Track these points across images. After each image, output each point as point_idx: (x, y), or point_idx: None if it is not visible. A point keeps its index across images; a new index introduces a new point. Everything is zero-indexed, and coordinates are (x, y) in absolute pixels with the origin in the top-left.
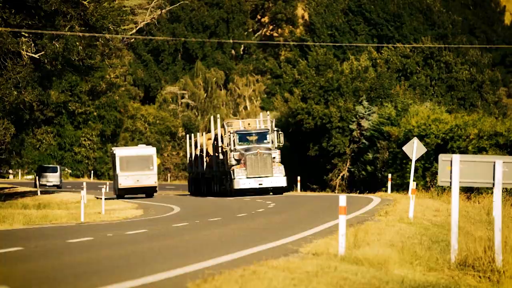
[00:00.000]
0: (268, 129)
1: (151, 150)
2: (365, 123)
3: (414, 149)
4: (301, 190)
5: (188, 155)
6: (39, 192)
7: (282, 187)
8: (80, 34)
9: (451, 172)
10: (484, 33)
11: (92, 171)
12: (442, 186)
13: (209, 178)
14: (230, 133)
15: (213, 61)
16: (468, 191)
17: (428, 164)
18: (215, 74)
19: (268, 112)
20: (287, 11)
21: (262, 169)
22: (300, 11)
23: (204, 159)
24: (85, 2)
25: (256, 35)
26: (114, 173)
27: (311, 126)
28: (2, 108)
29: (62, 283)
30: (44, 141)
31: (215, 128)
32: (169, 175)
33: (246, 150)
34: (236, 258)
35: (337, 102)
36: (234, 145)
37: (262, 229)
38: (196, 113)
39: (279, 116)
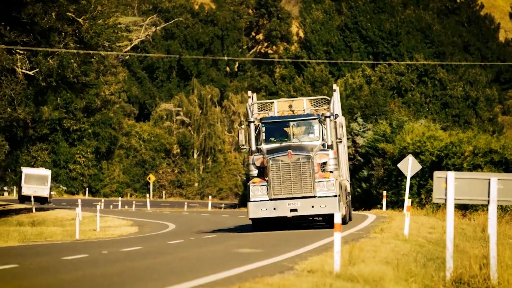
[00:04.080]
0: (317, 115)
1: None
2: (360, 140)
3: (409, 166)
4: None
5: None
6: (34, 210)
7: (333, 215)
8: (75, 51)
9: (446, 189)
10: (478, 50)
11: (87, 188)
12: (437, 203)
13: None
14: (250, 122)
15: (208, 78)
16: (463, 208)
17: (423, 181)
18: (210, 91)
19: (335, 86)
20: (281, 28)
21: (296, 184)
22: (294, 28)
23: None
24: (80, 20)
25: (250, 52)
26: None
27: None
28: None
29: None
30: (38, 158)
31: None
32: (164, 192)
33: (271, 151)
34: (231, 276)
35: None
36: (259, 143)
37: (256, 246)
38: (191, 130)
39: None
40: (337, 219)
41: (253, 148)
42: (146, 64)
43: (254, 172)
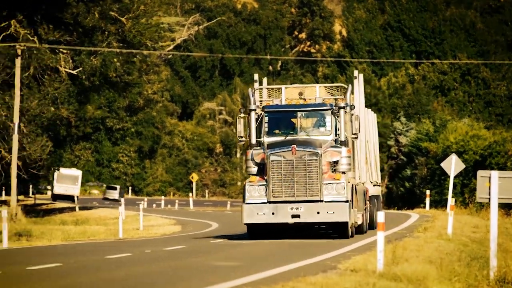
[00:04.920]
0: (330, 105)
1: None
2: (403, 139)
3: (453, 166)
4: None
5: None
6: (77, 208)
7: (342, 223)
8: (118, 50)
9: (489, 189)
10: None
11: (130, 187)
12: (481, 203)
13: None
14: (251, 110)
15: (251, 77)
16: (507, 207)
17: (466, 181)
18: None
19: (356, 72)
20: (324, 27)
21: (300, 186)
22: (337, 27)
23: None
24: (123, 19)
25: (293, 51)
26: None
27: None
28: (40, 124)
29: None
30: (82, 157)
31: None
32: (207, 191)
33: (273, 145)
34: (275, 274)
35: None
36: (261, 135)
37: (300, 245)
38: (234, 129)
39: None
40: (380, 218)
41: (253, 141)
42: (189, 63)
43: (253, 169)
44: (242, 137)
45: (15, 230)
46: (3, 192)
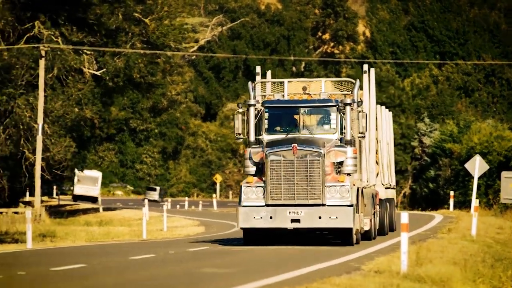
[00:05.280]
0: (335, 101)
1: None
2: (426, 140)
3: (477, 167)
4: None
5: None
6: (101, 209)
7: (346, 229)
8: (142, 51)
9: None
10: None
11: None
12: (505, 204)
13: None
14: (250, 105)
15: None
16: None
17: (490, 182)
18: None
19: (366, 66)
20: (348, 28)
21: (301, 188)
22: (361, 28)
23: None
24: (146, 20)
25: (317, 52)
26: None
27: None
28: (64, 125)
29: None
30: (105, 158)
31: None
32: (230, 192)
33: (273, 144)
34: (299, 275)
35: (398, 119)
36: (260, 132)
37: (323, 246)
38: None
39: None
40: (404, 219)
41: (252, 138)
42: (213, 64)
43: (251, 169)
44: (240, 134)
45: (39, 231)
46: (27, 193)
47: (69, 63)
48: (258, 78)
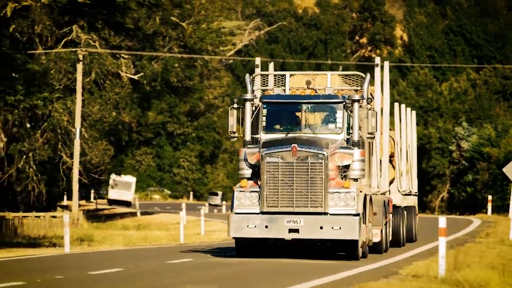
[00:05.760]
0: (342, 97)
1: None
2: (464, 144)
3: None
4: None
5: None
6: (138, 214)
7: (350, 241)
8: (179, 55)
9: None
10: None
11: (191, 192)
12: None
13: None
14: (246, 99)
15: None
16: None
17: None
18: None
19: (378, 59)
20: (385, 32)
21: (301, 194)
22: (398, 31)
23: None
24: (183, 24)
25: (354, 56)
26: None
27: None
28: (101, 129)
29: None
30: (143, 162)
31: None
32: None
33: (270, 144)
34: (338, 279)
35: (436, 123)
36: (257, 131)
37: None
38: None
39: None
40: (442, 224)
41: (247, 137)
42: (250, 68)
43: (246, 171)
44: (234, 132)
45: (77, 235)
46: (65, 197)
47: (107, 67)
48: (257, 70)
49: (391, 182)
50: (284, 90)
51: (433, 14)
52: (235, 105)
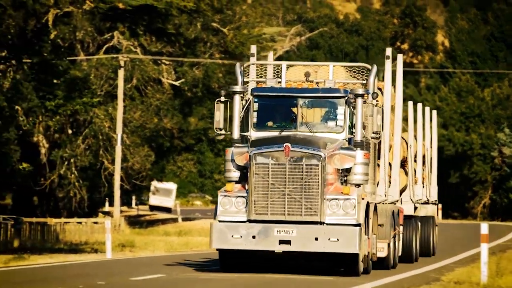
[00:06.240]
0: (344, 91)
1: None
2: (506, 150)
3: None
4: (442, 218)
5: None
6: (180, 220)
7: (349, 255)
8: (220, 61)
9: None
10: None
11: None
12: None
13: None
14: (235, 92)
15: None
16: None
17: None
18: None
19: (389, 50)
20: (427, 37)
21: (293, 200)
22: (440, 37)
23: None
24: (224, 30)
25: (394, 62)
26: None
27: (451, 153)
28: (143, 135)
29: None
30: (184, 168)
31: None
32: None
33: (260, 142)
34: (378, 286)
35: (478, 129)
36: (247, 128)
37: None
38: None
39: None
40: (484, 230)
41: (235, 135)
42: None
43: (233, 174)
44: (221, 129)
45: (119, 241)
46: (107, 203)
47: (148, 73)
48: (252, 59)
49: (403, 190)
50: (280, 82)
51: (475, 20)
52: (222, 98)
